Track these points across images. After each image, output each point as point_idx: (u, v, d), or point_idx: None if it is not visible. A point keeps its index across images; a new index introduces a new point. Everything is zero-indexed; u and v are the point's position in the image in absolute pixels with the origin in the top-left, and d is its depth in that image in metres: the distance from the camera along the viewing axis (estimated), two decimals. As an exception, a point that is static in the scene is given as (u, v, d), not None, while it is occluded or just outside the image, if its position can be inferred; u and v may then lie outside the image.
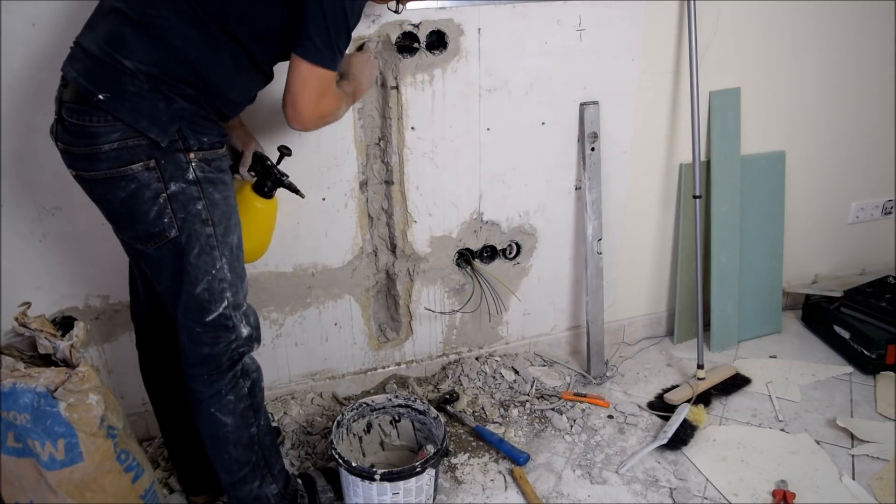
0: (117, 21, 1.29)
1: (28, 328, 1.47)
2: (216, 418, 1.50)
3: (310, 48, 1.34)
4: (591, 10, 1.98)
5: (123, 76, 1.28)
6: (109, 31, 1.29)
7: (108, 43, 1.28)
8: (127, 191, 1.32)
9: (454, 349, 2.33)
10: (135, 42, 1.28)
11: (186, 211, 1.36)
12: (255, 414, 1.56)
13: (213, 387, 1.48)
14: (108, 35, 1.29)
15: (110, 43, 1.28)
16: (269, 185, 1.65)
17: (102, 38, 1.29)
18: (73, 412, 1.39)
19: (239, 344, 1.48)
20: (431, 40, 1.89)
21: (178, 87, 1.32)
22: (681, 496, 1.85)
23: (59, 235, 1.74)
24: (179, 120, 1.32)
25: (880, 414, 2.16)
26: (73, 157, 1.34)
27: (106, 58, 1.28)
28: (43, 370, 1.39)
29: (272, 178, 1.65)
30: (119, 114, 1.28)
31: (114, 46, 1.28)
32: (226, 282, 1.43)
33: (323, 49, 1.34)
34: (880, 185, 2.66)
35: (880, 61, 2.42)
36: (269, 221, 1.68)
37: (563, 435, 2.08)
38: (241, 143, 1.68)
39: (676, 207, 2.39)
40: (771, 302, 2.60)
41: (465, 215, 2.13)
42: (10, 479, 1.44)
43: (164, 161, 1.33)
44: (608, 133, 2.17)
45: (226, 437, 1.52)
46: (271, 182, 1.65)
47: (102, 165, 1.31)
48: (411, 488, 1.68)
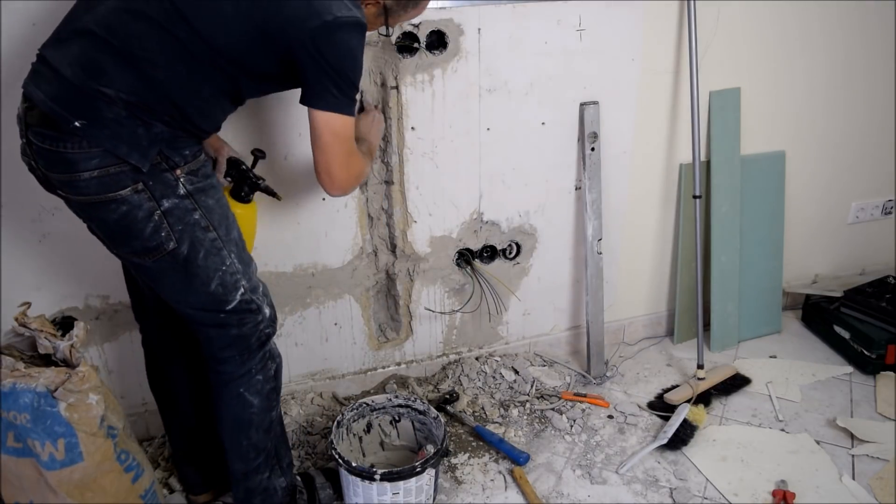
0: (94, 46, 1.25)
1: (28, 328, 1.46)
2: (244, 399, 1.52)
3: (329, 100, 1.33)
4: (591, 10, 1.98)
5: (100, 102, 1.24)
6: (85, 56, 1.25)
7: (84, 69, 1.24)
8: (118, 213, 1.31)
9: (454, 349, 2.33)
10: (115, 71, 1.24)
11: (184, 223, 1.36)
12: (276, 397, 1.59)
13: (245, 366, 1.50)
14: (84, 60, 1.25)
15: (87, 69, 1.24)
16: (246, 190, 1.63)
17: (77, 63, 1.24)
18: (73, 412, 1.39)
19: (265, 324, 1.51)
20: (431, 40, 1.89)
21: (156, 115, 1.29)
22: (681, 496, 1.85)
23: (59, 235, 1.74)
24: (159, 143, 1.30)
25: (880, 414, 2.16)
26: (53, 182, 1.32)
27: (82, 84, 1.24)
28: (43, 370, 1.39)
29: (248, 182, 1.63)
30: (97, 140, 1.25)
31: (91, 74, 1.24)
32: (238, 273, 1.44)
33: (340, 96, 1.34)
34: (880, 185, 2.66)
35: (881, 61, 2.42)
36: (249, 225, 1.67)
37: (563, 435, 2.08)
38: (212, 149, 1.65)
39: (676, 207, 2.39)
40: (771, 302, 2.60)
41: (465, 215, 2.13)
42: (10, 479, 1.44)
43: (151, 182, 1.31)
44: (608, 133, 2.17)
45: (250, 420, 1.54)
46: (248, 187, 1.63)
47: (87, 192, 1.28)
48: (411, 488, 1.68)
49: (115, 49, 1.25)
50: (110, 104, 1.25)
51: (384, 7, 1.45)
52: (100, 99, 1.24)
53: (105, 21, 1.25)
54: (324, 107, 1.34)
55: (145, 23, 1.25)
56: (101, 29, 1.25)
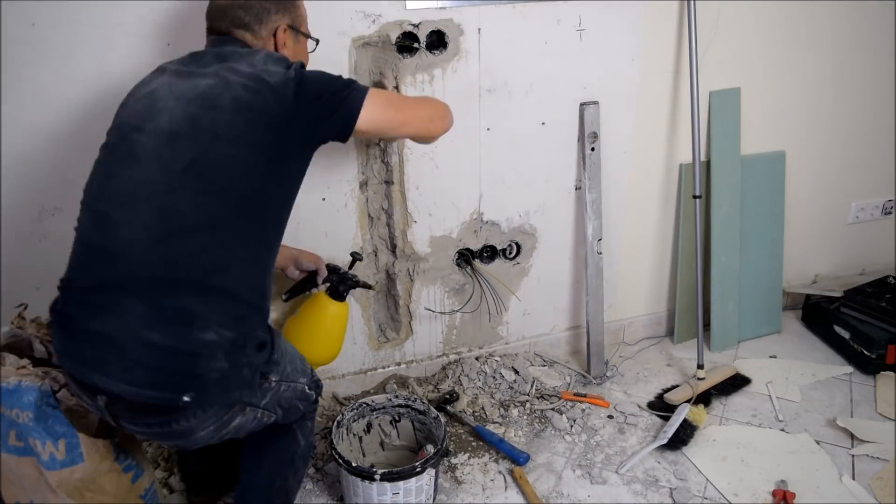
0: (157, 292, 1.16)
1: (24, 331, 1.46)
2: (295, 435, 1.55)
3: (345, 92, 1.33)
4: (591, 10, 1.98)
5: (201, 360, 1.17)
6: (156, 312, 1.15)
7: (171, 324, 1.16)
8: (221, 434, 1.32)
9: (454, 349, 2.33)
10: (200, 306, 1.18)
11: (276, 400, 1.39)
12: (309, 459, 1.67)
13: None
14: (160, 317, 1.16)
15: (175, 322, 1.16)
16: (343, 289, 1.81)
17: (159, 321, 1.15)
18: (73, 415, 1.39)
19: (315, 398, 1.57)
20: (431, 40, 1.89)
21: (251, 333, 1.25)
22: (681, 496, 1.85)
23: (59, 235, 1.74)
24: (257, 366, 1.28)
25: (880, 414, 2.16)
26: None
27: (175, 343, 1.15)
28: (49, 370, 1.40)
29: (348, 282, 1.82)
30: (210, 402, 1.20)
31: (182, 322, 1.16)
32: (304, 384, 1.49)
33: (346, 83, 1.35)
34: (880, 185, 2.66)
35: (880, 61, 2.42)
36: (343, 321, 1.85)
37: (563, 435, 2.08)
38: (309, 262, 1.79)
39: (676, 207, 2.39)
40: (771, 302, 2.60)
41: (465, 215, 2.13)
42: (10, 479, 1.44)
43: (253, 399, 1.32)
44: (608, 133, 2.17)
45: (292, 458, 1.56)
46: (346, 286, 1.81)
47: (201, 440, 1.28)
48: (411, 488, 1.68)
49: (185, 285, 1.18)
50: (212, 356, 1.18)
51: (288, 27, 1.45)
52: (200, 356, 1.17)
53: (146, 258, 1.18)
54: (355, 108, 1.33)
55: (191, 233, 1.20)
56: (148, 269, 1.18)
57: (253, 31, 1.40)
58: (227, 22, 1.39)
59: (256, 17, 1.39)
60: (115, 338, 1.16)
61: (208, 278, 1.20)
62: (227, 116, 1.23)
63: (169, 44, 1.64)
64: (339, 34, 1.78)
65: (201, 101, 1.25)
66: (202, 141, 1.22)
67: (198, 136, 1.22)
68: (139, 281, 1.18)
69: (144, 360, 1.16)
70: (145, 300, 1.17)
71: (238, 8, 1.39)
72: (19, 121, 1.60)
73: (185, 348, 1.17)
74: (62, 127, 1.64)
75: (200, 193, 1.21)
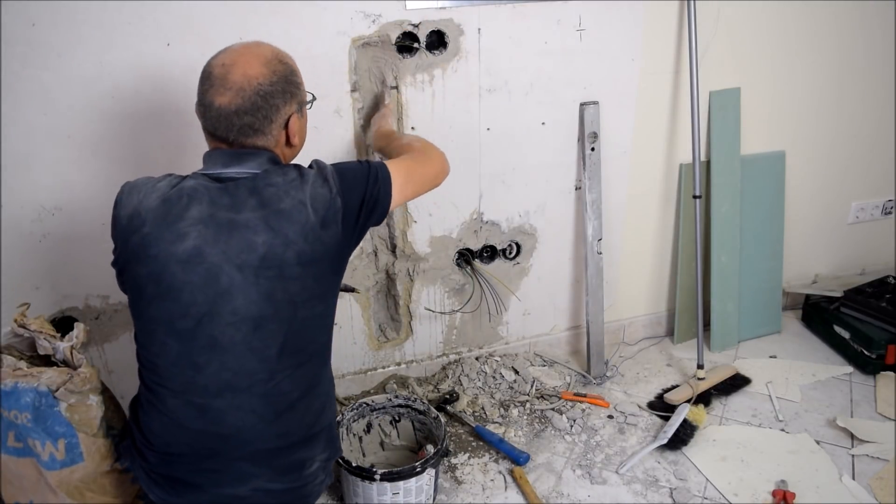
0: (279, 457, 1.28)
1: (27, 329, 1.46)
2: None
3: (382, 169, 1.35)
4: (591, 10, 1.98)
5: (309, 486, 1.34)
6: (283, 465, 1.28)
7: (288, 472, 1.30)
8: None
9: (454, 349, 2.33)
10: (309, 451, 1.32)
11: None
12: None
13: None
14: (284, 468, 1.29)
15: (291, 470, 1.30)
16: None
17: (278, 475, 1.28)
18: (73, 413, 1.39)
19: None
20: (431, 40, 1.89)
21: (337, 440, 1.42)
22: (681, 496, 1.85)
23: (59, 235, 1.74)
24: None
25: (880, 414, 2.16)
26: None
27: (291, 485, 1.30)
28: (45, 370, 1.39)
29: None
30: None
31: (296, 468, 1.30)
32: None
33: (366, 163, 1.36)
34: (880, 185, 2.66)
35: (881, 61, 2.42)
36: None
37: (563, 435, 2.08)
38: None
39: (676, 207, 2.39)
40: (771, 302, 2.60)
41: (465, 215, 2.13)
42: (10, 479, 1.44)
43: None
44: (608, 133, 2.17)
45: None
46: None
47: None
48: (411, 488, 1.68)
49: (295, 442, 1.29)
50: (315, 477, 1.36)
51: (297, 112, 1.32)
52: (308, 484, 1.34)
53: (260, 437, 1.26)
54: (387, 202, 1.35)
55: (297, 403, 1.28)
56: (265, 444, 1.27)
57: (265, 133, 1.27)
58: (235, 132, 1.24)
59: (267, 119, 1.25)
60: (240, 494, 1.28)
61: (313, 429, 1.32)
62: (297, 280, 1.22)
63: (169, 44, 1.64)
64: (339, 34, 1.77)
65: (267, 269, 1.20)
66: (285, 317, 1.23)
67: (280, 315, 1.22)
68: (256, 452, 1.26)
69: (263, 502, 1.30)
70: (264, 465, 1.28)
71: (245, 114, 1.23)
72: (19, 121, 1.60)
73: (299, 485, 1.32)
74: (62, 127, 1.63)
75: (297, 367, 1.27)
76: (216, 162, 1.27)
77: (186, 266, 1.19)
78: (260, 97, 1.23)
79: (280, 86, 1.26)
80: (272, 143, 1.29)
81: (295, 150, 1.38)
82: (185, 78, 1.68)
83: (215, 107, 1.24)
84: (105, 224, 1.75)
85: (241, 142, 1.26)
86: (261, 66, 1.25)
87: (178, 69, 1.66)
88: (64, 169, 1.67)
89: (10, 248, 1.71)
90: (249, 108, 1.23)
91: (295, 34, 1.72)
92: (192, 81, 1.68)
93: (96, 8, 1.55)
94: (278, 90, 1.26)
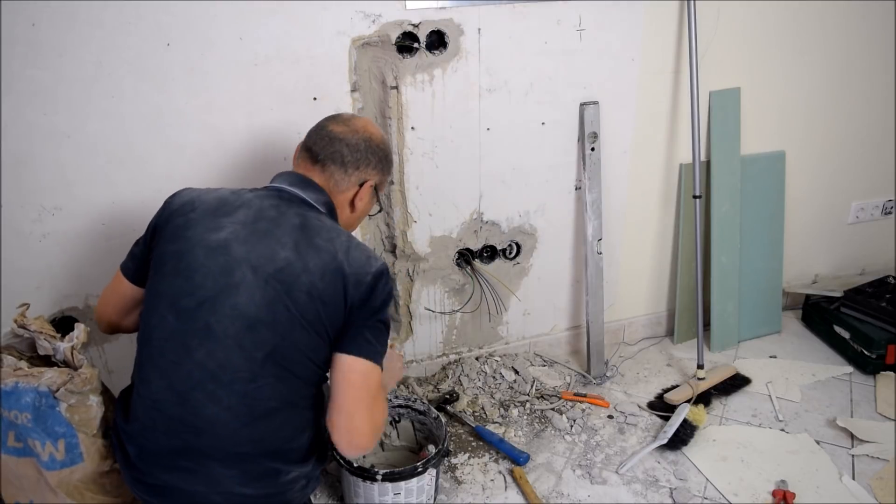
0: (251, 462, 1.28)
1: (27, 329, 1.46)
2: None
3: (364, 346, 1.30)
4: (591, 10, 1.98)
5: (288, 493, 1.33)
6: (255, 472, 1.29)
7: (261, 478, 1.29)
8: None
9: (454, 349, 2.33)
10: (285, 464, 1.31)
11: None
12: None
13: None
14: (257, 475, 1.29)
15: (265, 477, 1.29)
16: None
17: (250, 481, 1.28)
18: (73, 413, 1.39)
19: None
20: (431, 40, 1.89)
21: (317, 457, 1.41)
22: (681, 496, 1.85)
23: (59, 235, 1.74)
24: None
25: (880, 414, 2.16)
26: None
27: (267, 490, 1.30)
28: (45, 370, 1.39)
29: None
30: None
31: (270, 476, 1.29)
32: None
33: (374, 343, 1.32)
34: (880, 185, 2.66)
35: (881, 61, 2.42)
36: None
37: (563, 435, 2.08)
38: None
39: (676, 207, 2.39)
40: (771, 302, 2.60)
41: (465, 215, 2.13)
42: (10, 479, 1.44)
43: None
44: (608, 133, 2.17)
45: None
46: None
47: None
48: (412, 488, 1.68)
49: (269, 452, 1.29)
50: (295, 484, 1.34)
51: (374, 188, 1.44)
52: (287, 492, 1.33)
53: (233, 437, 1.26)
54: (359, 353, 1.30)
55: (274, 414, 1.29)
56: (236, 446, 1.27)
57: (346, 171, 1.38)
58: (328, 152, 1.37)
59: (355, 163, 1.39)
60: (210, 496, 1.28)
61: (288, 444, 1.32)
62: (302, 304, 1.26)
63: (169, 44, 1.64)
64: (339, 34, 1.77)
65: (278, 282, 1.25)
66: (280, 329, 1.25)
67: (276, 325, 1.25)
68: (227, 454, 1.27)
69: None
70: (235, 468, 1.27)
71: (346, 145, 1.38)
72: (19, 121, 1.60)
73: (275, 491, 1.31)
74: (62, 127, 1.63)
75: (280, 379, 1.28)
76: (284, 180, 1.38)
77: (210, 253, 1.26)
78: (364, 143, 1.40)
79: (380, 154, 1.43)
80: (339, 190, 1.40)
81: (352, 218, 1.46)
82: (185, 78, 1.68)
83: (327, 129, 1.41)
84: (105, 224, 1.76)
85: (325, 164, 1.38)
86: (377, 131, 1.45)
87: (178, 69, 1.66)
88: (64, 169, 1.67)
89: (10, 248, 1.71)
90: (352, 143, 1.39)
91: (295, 34, 1.72)
92: (193, 81, 1.69)
93: (96, 8, 1.55)
94: (377, 155, 1.42)
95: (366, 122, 1.45)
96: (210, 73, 1.69)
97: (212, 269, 1.25)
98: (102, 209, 1.74)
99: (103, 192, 1.72)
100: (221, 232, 1.27)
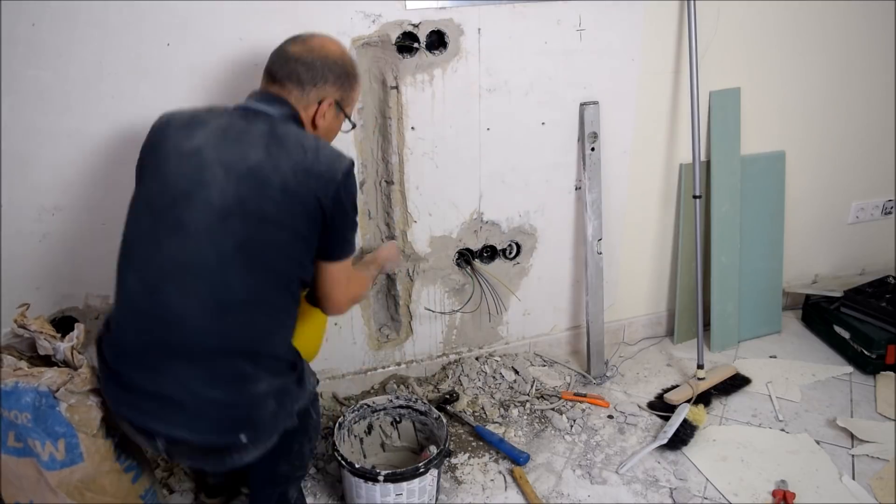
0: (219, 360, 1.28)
1: (28, 329, 1.46)
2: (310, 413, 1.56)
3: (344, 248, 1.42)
4: (591, 10, 1.98)
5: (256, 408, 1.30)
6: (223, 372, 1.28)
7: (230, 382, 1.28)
8: None
9: (454, 349, 2.33)
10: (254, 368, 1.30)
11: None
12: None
13: None
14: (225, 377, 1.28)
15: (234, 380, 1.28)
16: None
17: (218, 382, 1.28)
18: (73, 413, 1.39)
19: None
20: (431, 40, 1.89)
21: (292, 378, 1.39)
22: (681, 496, 1.85)
23: (59, 235, 1.74)
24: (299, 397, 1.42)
25: (880, 414, 2.16)
26: None
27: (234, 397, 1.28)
28: (45, 370, 1.39)
29: None
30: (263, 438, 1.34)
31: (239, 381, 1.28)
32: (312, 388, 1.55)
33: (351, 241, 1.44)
34: (880, 185, 2.66)
35: (881, 61, 2.42)
36: (320, 324, 1.77)
37: (563, 435, 2.08)
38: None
39: (676, 207, 2.39)
40: (771, 302, 2.60)
41: (465, 215, 2.13)
42: (10, 479, 1.44)
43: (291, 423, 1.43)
44: (608, 133, 2.17)
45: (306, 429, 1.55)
46: None
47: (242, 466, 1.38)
48: (414, 489, 1.68)
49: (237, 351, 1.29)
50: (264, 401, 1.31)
51: (335, 101, 1.46)
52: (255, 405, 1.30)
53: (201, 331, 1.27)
54: (342, 256, 1.42)
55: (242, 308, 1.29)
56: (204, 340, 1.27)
57: (304, 90, 1.40)
58: (284, 71, 1.40)
59: (312, 79, 1.40)
60: (176, 397, 1.26)
61: (257, 346, 1.32)
62: (274, 201, 1.29)
63: (169, 44, 1.64)
64: (339, 34, 1.77)
65: (250, 179, 1.28)
66: (251, 222, 1.28)
67: (247, 218, 1.28)
68: (195, 350, 1.27)
69: (206, 413, 1.28)
70: (202, 366, 1.27)
71: (302, 64, 1.40)
72: (19, 121, 1.60)
73: (243, 401, 1.30)
74: (62, 127, 1.63)
75: (249, 271, 1.29)
76: (251, 98, 1.42)
77: (183, 158, 1.31)
78: (320, 61, 1.41)
79: (337, 71, 1.43)
80: (301, 105, 1.41)
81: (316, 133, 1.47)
82: (185, 78, 1.68)
83: (284, 50, 1.43)
84: (105, 224, 1.76)
85: (283, 83, 1.40)
86: (337, 47, 1.46)
87: (178, 69, 1.66)
88: (64, 169, 1.67)
89: (10, 248, 1.71)
90: (308, 62, 1.40)
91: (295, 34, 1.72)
92: (193, 82, 1.69)
93: (96, 8, 1.55)
94: (335, 72, 1.42)
95: (324, 39, 1.45)
96: (210, 74, 1.69)
97: (184, 172, 1.30)
98: (102, 209, 1.74)
99: (103, 193, 1.72)
100: (194, 140, 1.32)
